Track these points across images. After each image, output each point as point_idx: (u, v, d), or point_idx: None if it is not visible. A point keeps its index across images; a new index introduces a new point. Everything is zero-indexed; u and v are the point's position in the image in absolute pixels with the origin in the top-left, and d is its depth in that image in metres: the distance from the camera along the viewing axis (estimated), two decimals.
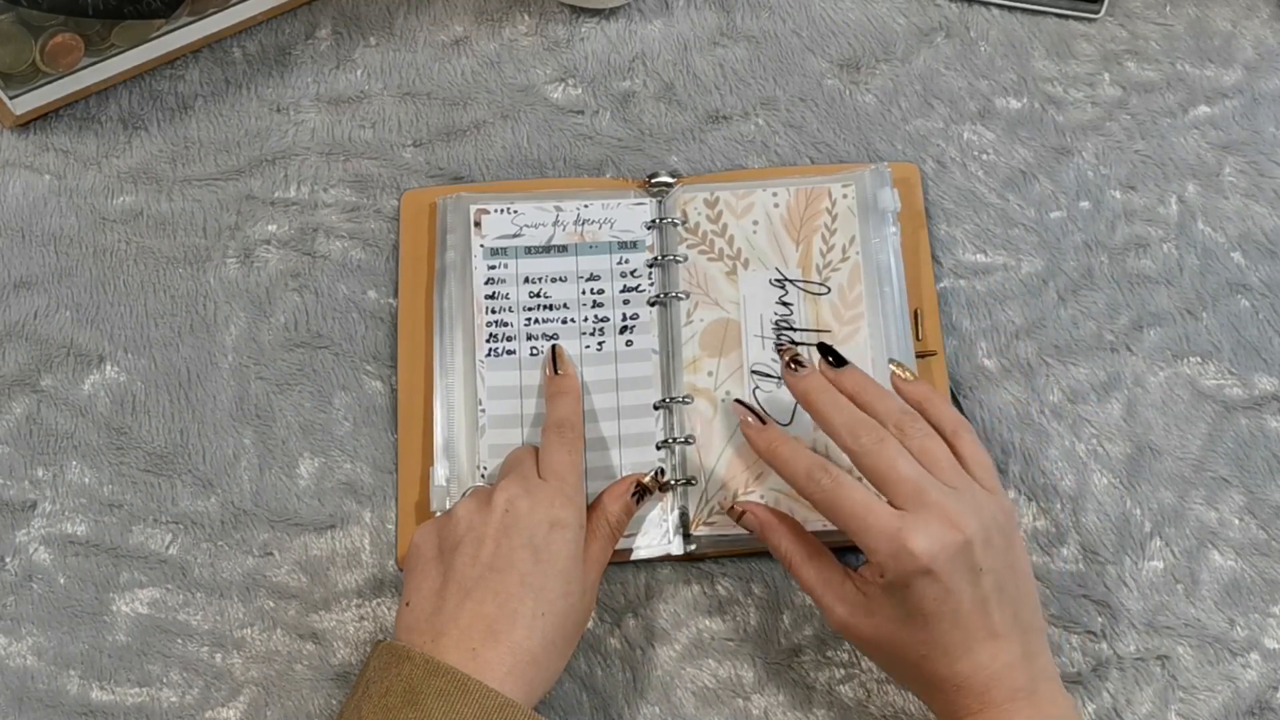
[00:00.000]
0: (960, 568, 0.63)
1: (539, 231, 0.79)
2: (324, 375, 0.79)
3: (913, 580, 0.63)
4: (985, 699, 0.64)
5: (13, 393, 0.79)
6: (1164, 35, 0.87)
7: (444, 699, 0.62)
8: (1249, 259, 0.81)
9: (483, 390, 0.76)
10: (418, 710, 0.62)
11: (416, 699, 0.62)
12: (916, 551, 0.62)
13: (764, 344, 0.77)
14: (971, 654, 0.64)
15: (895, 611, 0.64)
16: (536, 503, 0.68)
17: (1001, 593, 0.64)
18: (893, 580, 0.63)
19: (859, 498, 0.65)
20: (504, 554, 0.66)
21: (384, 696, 0.63)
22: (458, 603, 0.65)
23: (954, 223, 0.82)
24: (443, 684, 0.62)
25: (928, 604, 0.63)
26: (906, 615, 0.64)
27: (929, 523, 0.63)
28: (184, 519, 0.77)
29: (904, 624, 0.64)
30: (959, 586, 0.63)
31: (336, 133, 0.85)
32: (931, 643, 0.64)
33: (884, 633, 0.65)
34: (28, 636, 0.74)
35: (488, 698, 0.62)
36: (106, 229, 0.83)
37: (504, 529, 0.67)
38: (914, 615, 0.64)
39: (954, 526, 0.63)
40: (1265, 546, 0.76)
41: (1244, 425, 0.78)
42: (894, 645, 0.65)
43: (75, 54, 0.81)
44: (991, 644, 0.64)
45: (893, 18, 0.87)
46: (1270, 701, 0.73)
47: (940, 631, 0.64)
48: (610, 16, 0.88)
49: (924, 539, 0.63)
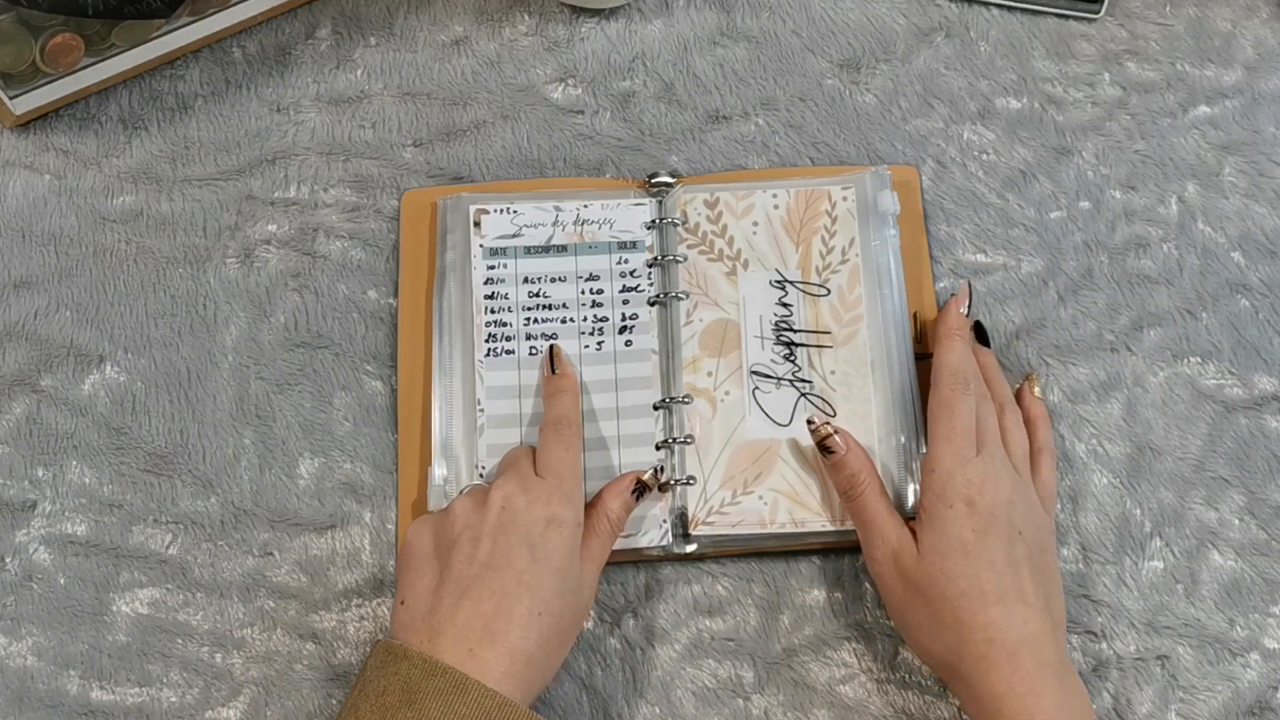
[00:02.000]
0: (1001, 517, 0.67)
1: (538, 231, 0.79)
2: (324, 375, 0.79)
3: (956, 503, 0.67)
4: (1015, 661, 0.64)
5: (13, 393, 0.79)
6: (1164, 35, 0.87)
7: (442, 699, 0.62)
8: (1249, 259, 0.81)
9: (481, 390, 0.76)
10: (415, 710, 0.62)
11: (414, 699, 0.62)
12: (970, 478, 0.68)
13: (764, 344, 0.77)
14: (1005, 604, 0.65)
15: (939, 543, 0.67)
16: (533, 500, 0.68)
17: (1034, 567, 0.67)
18: (938, 499, 0.67)
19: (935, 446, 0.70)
20: (500, 552, 0.66)
21: (381, 696, 0.63)
22: (454, 601, 0.65)
23: (954, 223, 0.82)
24: (441, 684, 0.62)
25: (968, 535, 0.66)
26: (948, 548, 0.66)
27: (986, 467, 0.68)
28: (184, 519, 0.77)
29: (947, 556, 0.66)
30: (998, 531, 0.67)
31: (336, 133, 0.85)
32: (970, 578, 0.66)
33: (927, 563, 0.67)
34: (28, 636, 0.74)
35: (486, 698, 0.62)
36: (106, 229, 0.83)
37: (500, 527, 0.67)
38: (954, 548, 0.66)
39: (1007, 484, 0.69)
40: (1265, 546, 0.76)
41: (1244, 425, 0.78)
42: (935, 578, 0.66)
43: (75, 54, 0.81)
44: (1023, 608, 0.66)
45: (893, 18, 0.87)
46: (1270, 701, 0.73)
47: (978, 568, 0.66)
48: (610, 16, 0.88)
49: (978, 474, 0.68)
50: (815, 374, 0.76)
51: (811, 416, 0.73)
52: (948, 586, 0.66)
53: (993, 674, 0.64)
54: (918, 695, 0.73)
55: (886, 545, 0.69)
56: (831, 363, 0.76)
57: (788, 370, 0.76)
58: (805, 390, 0.76)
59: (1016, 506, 0.68)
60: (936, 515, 0.68)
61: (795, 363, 0.77)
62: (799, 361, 0.77)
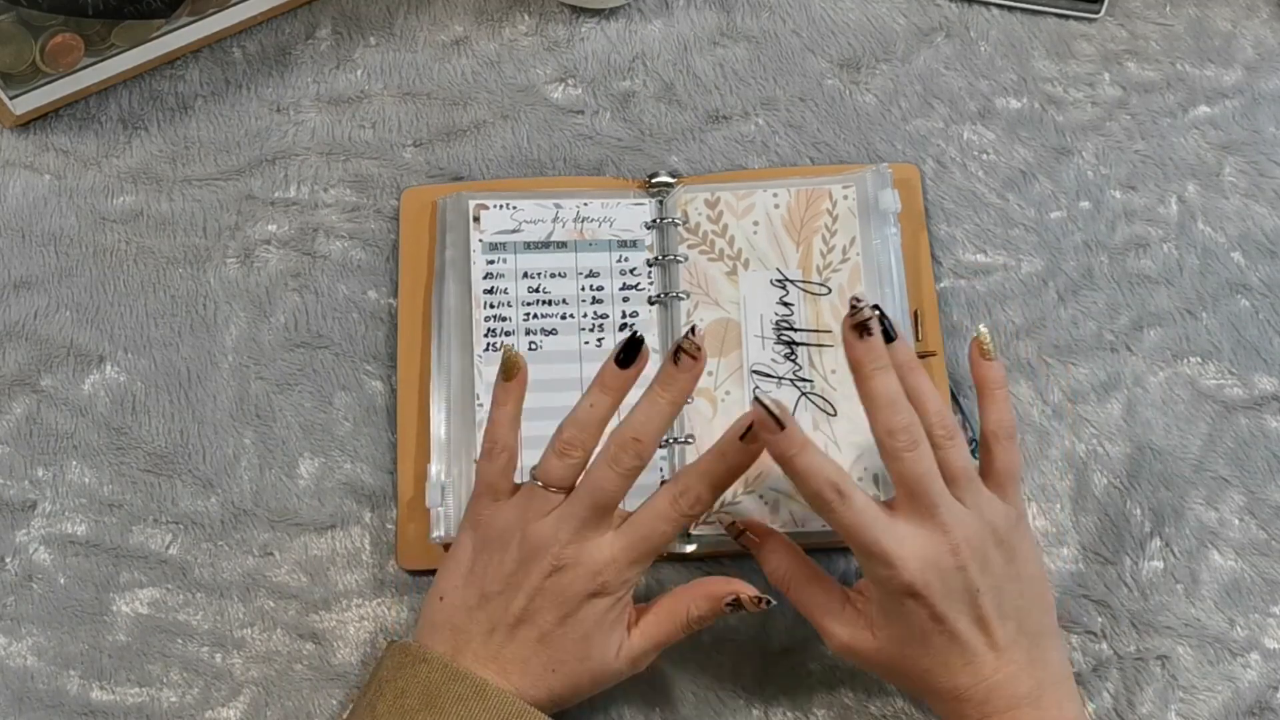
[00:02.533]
0: (954, 591, 0.63)
1: (538, 227, 0.79)
2: (324, 375, 0.79)
3: (904, 601, 0.63)
4: (985, 708, 0.64)
5: (13, 393, 0.79)
6: (1164, 35, 0.87)
7: (463, 704, 0.62)
8: (1249, 259, 0.81)
9: (480, 385, 0.76)
10: (436, 713, 0.62)
11: (435, 702, 0.62)
12: (907, 578, 0.62)
13: (764, 344, 0.77)
14: (972, 667, 0.64)
15: (894, 631, 0.64)
16: (581, 571, 0.65)
17: (1001, 608, 0.64)
18: (882, 601, 0.64)
19: (864, 520, 0.63)
20: (533, 611, 0.65)
21: (400, 697, 0.63)
22: (484, 632, 0.65)
23: (954, 223, 0.82)
24: (462, 689, 0.62)
25: (922, 624, 0.63)
26: (905, 634, 0.64)
27: (926, 546, 0.63)
28: (184, 519, 0.77)
29: (904, 643, 0.64)
30: (954, 609, 0.63)
31: (336, 133, 0.85)
32: (931, 658, 0.64)
33: (885, 653, 0.65)
34: (28, 636, 0.74)
35: (505, 704, 0.62)
36: (106, 229, 0.83)
37: (540, 591, 0.65)
38: (912, 634, 0.64)
39: (952, 550, 0.63)
40: (1265, 546, 0.76)
41: (1244, 425, 0.78)
42: (896, 662, 0.65)
43: (75, 54, 0.81)
44: (993, 656, 0.64)
45: (893, 18, 0.87)
46: (1270, 701, 0.73)
47: (938, 649, 0.64)
48: (610, 16, 0.88)
49: (916, 565, 0.62)
50: (816, 373, 0.76)
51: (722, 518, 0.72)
52: (912, 667, 0.65)
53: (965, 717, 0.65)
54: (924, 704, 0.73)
55: (837, 640, 0.67)
56: (832, 362, 0.76)
57: (788, 370, 0.76)
58: (806, 389, 0.76)
59: (970, 563, 0.63)
60: (887, 609, 0.64)
61: (796, 362, 0.77)
62: (800, 361, 0.77)
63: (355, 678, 0.74)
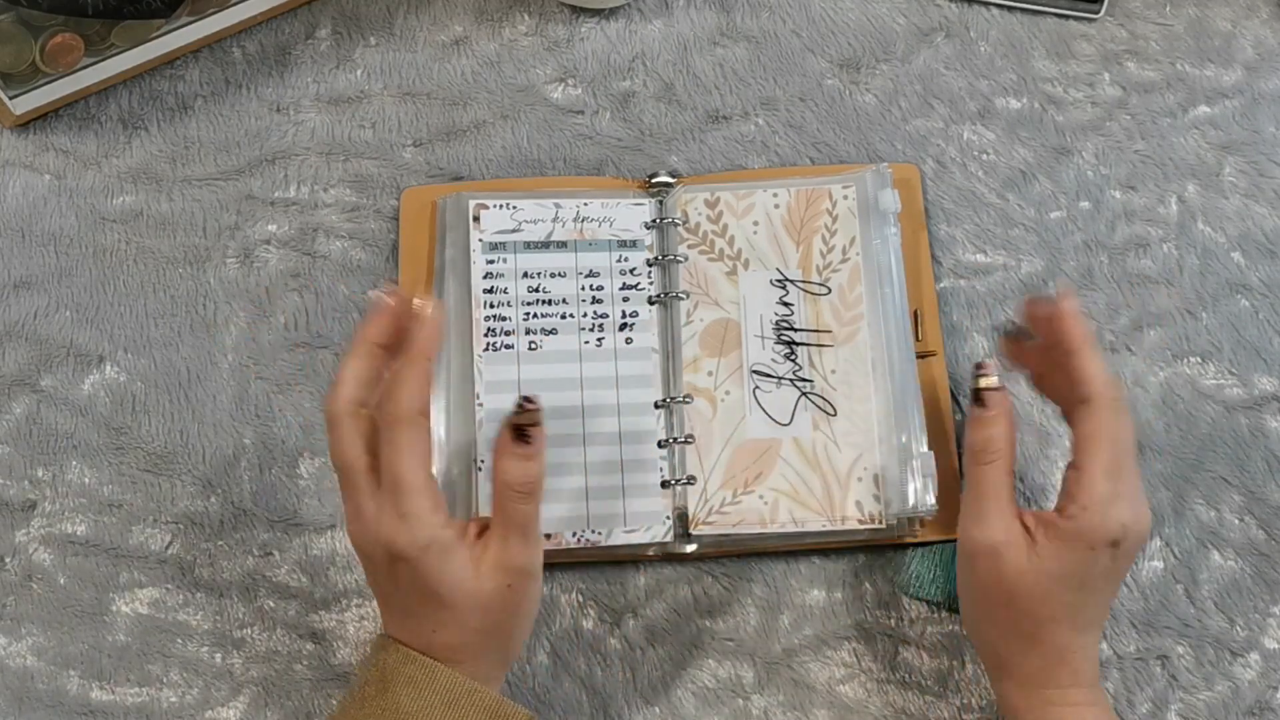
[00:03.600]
0: (1132, 555, 0.64)
1: (538, 227, 0.79)
2: (324, 375, 0.79)
3: (1100, 545, 0.62)
4: (1077, 678, 0.64)
5: (13, 393, 0.79)
6: (1164, 35, 0.87)
7: (413, 686, 0.62)
8: (1249, 259, 0.81)
9: (480, 384, 0.76)
10: (388, 697, 0.62)
11: (388, 686, 0.63)
12: (1124, 521, 0.62)
13: (764, 344, 0.77)
14: (1089, 633, 0.64)
15: (1057, 569, 0.63)
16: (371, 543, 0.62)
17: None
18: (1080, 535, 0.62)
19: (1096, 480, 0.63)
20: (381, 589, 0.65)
21: (362, 686, 0.64)
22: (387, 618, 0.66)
23: (954, 223, 0.82)
24: (413, 671, 0.63)
25: (1094, 573, 0.63)
26: (1065, 576, 0.63)
27: (1134, 503, 0.63)
28: (184, 519, 0.77)
29: (1059, 582, 0.63)
30: (1123, 570, 0.64)
31: (336, 133, 0.85)
32: (1075, 607, 0.63)
33: (1026, 583, 0.63)
34: (28, 636, 0.74)
35: (455, 685, 0.63)
36: (106, 229, 0.83)
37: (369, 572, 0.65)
38: (1071, 581, 0.63)
39: (1146, 515, 0.64)
40: (1265, 546, 0.76)
41: (1244, 425, 0.78)
42: (1031, 599, 0.63)
43: (75, 54, 0.81)
44: (1099, 633, 0.65)
45: (893, 18, 0.87)
46: (1270, 701, 0.73)
47: (1084, 602, 0.63)
48: (610, 16, 0.88)
49: (1129, 516, 0.63)
50: (816, 373, 0.76)
51: (984, 360, 0.67)
52: (1042, 607, 0.63)
53: (1051, 682, 0.64)
54: (918, 695, 0.73)
55: (991, 535, 0.64)
56: (832, 362, 0.76)
57: (788, 369, 0.76)
58: (806, 389, 0.76)
59: (1145, 538, 0.64)
60: (1072, 548, 0.62)
61: (796, 362, 0.77)
62: (800, 361, 0.77)
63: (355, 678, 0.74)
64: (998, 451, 0.65)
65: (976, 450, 0.65)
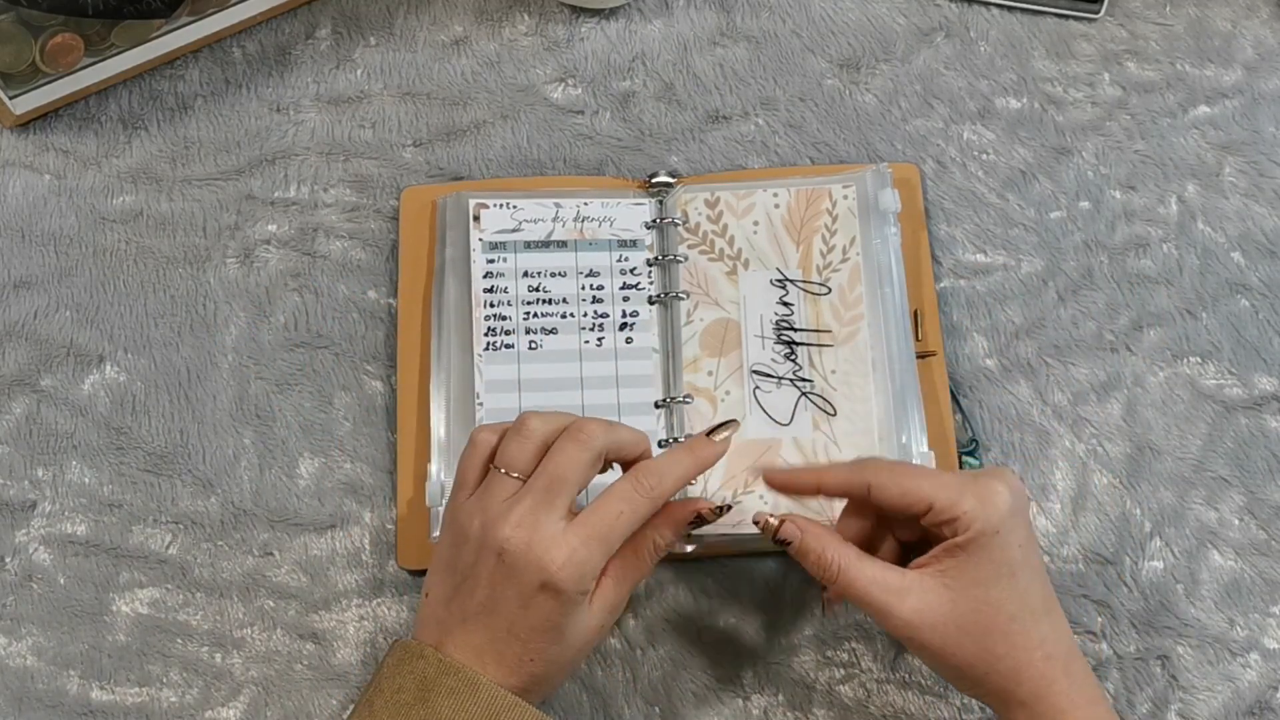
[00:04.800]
0: (1029, 520, 0.64)
1: (538, 227, 0.79)
2: (324, 375, 0.79)
3: (1002, 525, 0.62)
4: (1070, 672, 0.63)
5: (13, 393, 0.79)
6: (1164, 35, 0.87)
7: (454, 697, 0.62)
8: (1249, 259, 0.81)
9: (480, 384, 0.76)
10: (429, 707, 0.62)
11: (428, 696, 0.62)
12: (1007, 493, 0.63)
13: (764, 344, 0.77)
14: (1052, 615, 0.64)
15: (981, 573, 0.62)
16: (533, 557, 0.63)
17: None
18: (982, 530, 0.62)
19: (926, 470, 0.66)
20: (496, 600, 0.64)
21: (397, 693, 0.63)
22: (458, 622, 0.65)
23: (954, 223, 0.82)
24: (454, 682, 0.62)
25: (1014, 551, 0.63)
26: (994, 573, 0.62)
27: (995, 477, 0.64)
28: (184, 519, 0.77)
29: (993, 584, 0.62)
30: (1034, 535, 0.64)
31: (336, 133, 0.85)
32: (1022, 595, 0.63)
33: (966, 606, 0.63)
34: (28, 636, 0.74)
35: (496, 698, 0.62)
36: (106, 229, 0.83)
37: (495, 577, 0.64)
38: (1001, 569, 0.62)
39: (991, 490, 0.64)
40: (1265, 546, 0.76)
41: (1244, 425, 0.78)
42: (980, 617, 0.63)
43: (75, 54, 0.81)
44: (1061, 614, 0.64)
45: (893, 18, 0.87)
46: (1270, 701, 0.73)
47: (1028, 580, 0.63)
48: (610, 16, 0.88)
49: (1002, 487, 0.63)
50: (816, 373, 0.76)
51: (757, 516, 0.67)
52: (996, 615, 0.62)
53: (1054, 690, 0.63)
54: (918, 695, 0.73)
55: (903, 607, 0.63)
56: (832, 362, 0.76)
57: (788, 369, 0.76)
58: (806, 389, 0.76)
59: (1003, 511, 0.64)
60: (980, 545, 0.62)
61: (796, 362, 0.77)
62: (800, 361, 0.77)
63: (355, 678, 0.74)
64: (838, 564, 0.65)
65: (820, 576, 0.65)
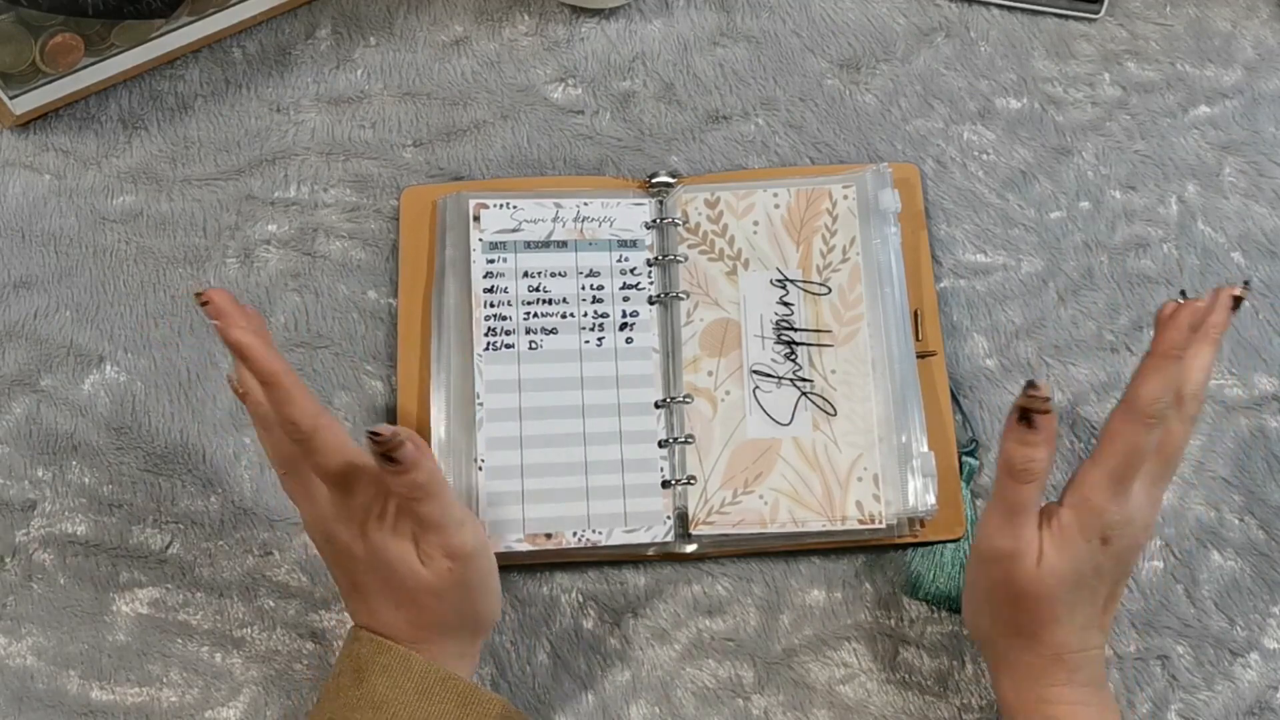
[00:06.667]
0: (1125, 559, 0.65)
1: (538, 227, 0.80)
2: (324, 375, 0.79)
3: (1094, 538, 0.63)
4: (1073, 675, 0.64)
5: (13, 393, 0.79)
6: (1164, 35, 0.87)
7: (388, 674, 0.64)
8: (1249, 259, 0.81)
9: (480, 384, 0.76)
10: (364, 686, 0.64)
11: (363, 675, 0.64)
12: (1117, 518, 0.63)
13: (764, 344, 0.77)
14: (1086, 632, 0.65)
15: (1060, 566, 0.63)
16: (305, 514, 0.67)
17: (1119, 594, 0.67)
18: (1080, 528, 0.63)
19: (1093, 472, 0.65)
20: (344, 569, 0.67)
21: (337, 677, 0.65)
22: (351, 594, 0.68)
23: (954, 223, 0.82)
24: (387, 659, 0.64)
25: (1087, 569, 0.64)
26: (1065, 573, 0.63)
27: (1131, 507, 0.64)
28: (184, 519, 0.77)
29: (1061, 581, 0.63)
30: (1117, 572, 0.65)
31: (336, 133, 0.85)
32: (1069, 607, 0.64)
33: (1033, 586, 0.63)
34: (28, 636, 0.74)
35: (430, 672, 0.64)
36: (106, 229, 0.83)
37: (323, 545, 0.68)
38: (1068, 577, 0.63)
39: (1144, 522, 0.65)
40: (1265, 546, 0.76)
41: (1244, 425, 0.78)
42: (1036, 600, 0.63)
43: (75, 54, 0.81)
44: (1098, 634, 0.66)
45: (893, 18, 0.87)
46: (1270, 701, 0.73)
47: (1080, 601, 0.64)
48: (610, 16, 0.88)
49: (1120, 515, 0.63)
50: (816, 373, 0.76)
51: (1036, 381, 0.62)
52: (1045, 609, 0.64)
53: (1045, 679, 0.64)
54: (918, 695, 0.73)
55: (1012, 544, 0.63)
56: (832, 362, 0.76)
57: (788, 369, 0.76)
58: (806, 389, 0.76)
59: (1140, 544, 0.66)
60: (1069, 540, 0.63)
61: (796, 362, 0.77)
62: (800, 361, 0.77)
63: None
64: (1037, 474, 0.63)
65: (1016, 469, 0.63)
